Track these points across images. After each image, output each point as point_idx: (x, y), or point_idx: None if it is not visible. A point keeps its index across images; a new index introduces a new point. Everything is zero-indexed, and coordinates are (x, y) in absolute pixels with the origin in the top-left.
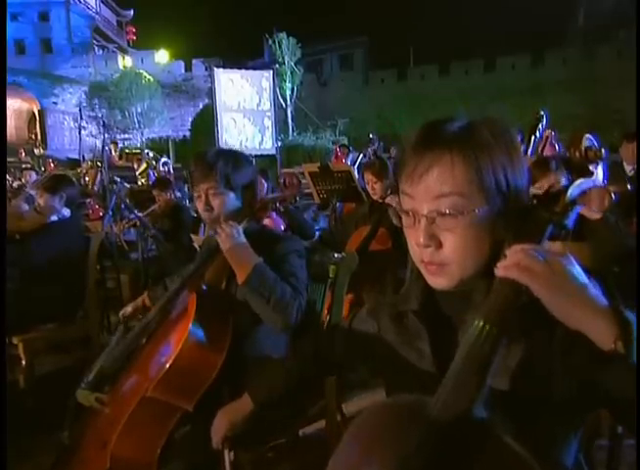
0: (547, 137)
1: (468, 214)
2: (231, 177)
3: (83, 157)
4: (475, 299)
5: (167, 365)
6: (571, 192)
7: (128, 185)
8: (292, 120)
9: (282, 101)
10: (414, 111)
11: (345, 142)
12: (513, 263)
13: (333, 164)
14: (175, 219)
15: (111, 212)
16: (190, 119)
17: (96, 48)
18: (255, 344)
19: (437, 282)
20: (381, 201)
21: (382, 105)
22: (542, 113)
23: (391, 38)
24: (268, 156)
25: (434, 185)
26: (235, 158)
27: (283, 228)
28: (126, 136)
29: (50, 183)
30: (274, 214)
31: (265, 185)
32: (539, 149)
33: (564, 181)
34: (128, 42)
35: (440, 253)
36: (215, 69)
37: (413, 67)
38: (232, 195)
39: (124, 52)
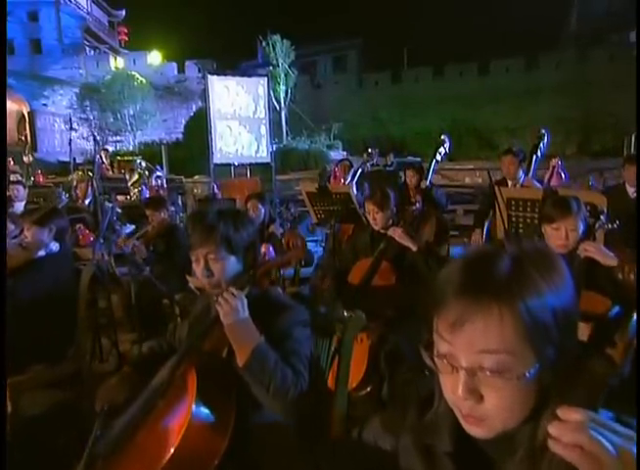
0: (554, 167)
1: (517, 378)
2: (232, 240)
3: (74, 159)
4: (518, 441)
5: (168, 456)
6: (631, 331)
7: (120, 198)
8: (286, 124)
9: (276, 103)
10: (408, 113)
11: (339, 146)
12: (574, 444)
13: (331, 186)
14: (170, 240)
15: (102, 240)
16: (183, 122)
17: (87, 49)
18: (261, 416)
19: (476, 432)
20: (383, 231)
21: (376, 107)
22: (543, 131)
23: (385, 40)
24: (264, 164)
25: (479, 339)
26: (235, 218)
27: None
28: (118, 138)
29: (38, 216)
30: (271, 251)
31: (263, 210)
32: (546, 179)
33: (581, 227)
34: (120, 43)
35: (481, 407)
36: (209, 76)
37: (407, 69)
38: (233, 259)
39: (116, 53)
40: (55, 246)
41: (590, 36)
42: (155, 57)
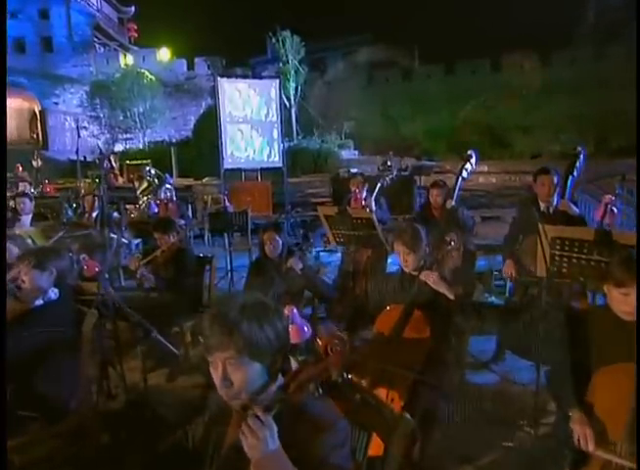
0: (607, 203)
1: None
2: (257, 343)
3: (85, 157)
4: None
5: None
6: None
7: (129, 207)
8: (296, 122)
9: (286, 101)
10: (420, 110)
11: (351, 145)
12: None
13: (351, 209)
14: (179, 266)
15: (107, 275)
16: (192, 119)
17: (97, 46)
18: None
19: None
20: (414, 273)
21: (386, 104)
22: (580, 149)
23: (396, 36)
24: (275, 169)
25: None
26: (261, 314)
27: (307, 331)
28: (128, 136)
29: (37, 259)
30: (297, 318)
31: (280, 242)
32: (599, 217)
33: None
34: (130, 40)
35: None
36: (219, 78)
37: (418, 66)
38: (257, 366)
39: (126, 50)
40: (54, 292)
41: (605, 33)
42: (164, 54)
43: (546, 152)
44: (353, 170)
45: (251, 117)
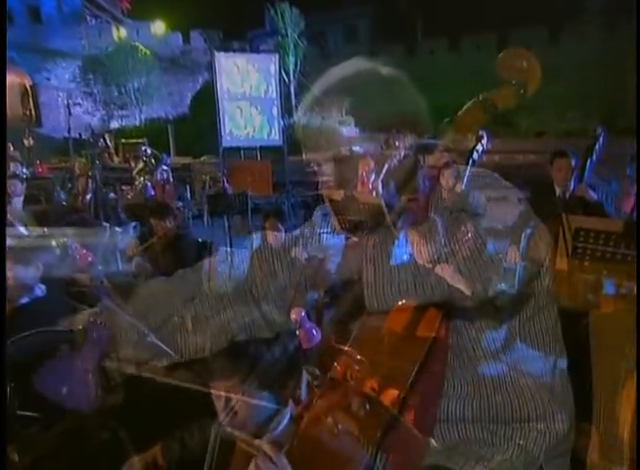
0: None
1: None
2: (265, 372)
3: (80, 135)
4: None
5: None
6: None
7: (125, 188)
8: (295, 98)
9: (284, 76)
10: (423, 86)
11: (351, 122)
12: None
13: (358, 194)
14: (177, 252)
15: (100, 267)
16: (189, 96)
17: (88, 18)
18: None
19: None
20: (428, 266)
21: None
22: (600, 130)
23: (399, 8)
24: (275, 147)
25: None
26: (270, 339)
27: (317, 335)
28: (124, 113)
29: (20, 253)
30: (306, 322)
31: (283, 230)
32: (631, 208)
33: None
34: (122, 11)
35: None
36: (216, 53)
37: (422, 40)
38: (264, 394)
39: (119, 22)
40: (40, 289)
41: (618, 9)
42: (158, 27)
43: (551, 130)
44: (355, 148)
45: (249, 94)
